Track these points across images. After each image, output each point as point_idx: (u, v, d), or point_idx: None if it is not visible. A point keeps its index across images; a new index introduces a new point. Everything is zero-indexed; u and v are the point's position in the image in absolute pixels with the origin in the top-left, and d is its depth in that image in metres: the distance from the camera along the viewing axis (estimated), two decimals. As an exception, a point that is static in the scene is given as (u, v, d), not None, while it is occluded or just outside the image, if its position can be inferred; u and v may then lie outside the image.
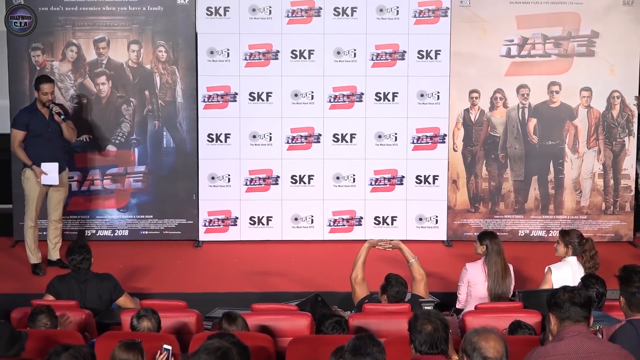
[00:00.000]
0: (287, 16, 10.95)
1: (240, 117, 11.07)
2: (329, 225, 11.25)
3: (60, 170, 10.13)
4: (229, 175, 11.16)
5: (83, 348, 5.66)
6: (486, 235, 8.82)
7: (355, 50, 11.02)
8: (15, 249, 10.87)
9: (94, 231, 11.20)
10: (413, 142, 11.15)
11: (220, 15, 10.94)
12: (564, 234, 8.86)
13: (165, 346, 6.23)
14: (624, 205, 11.29)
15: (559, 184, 11.22)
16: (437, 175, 11.20)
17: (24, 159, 10.02)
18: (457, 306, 8.85)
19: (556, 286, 8.09)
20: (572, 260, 8.69)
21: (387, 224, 11.22)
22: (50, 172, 9.97)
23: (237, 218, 11.21)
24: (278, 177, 11.18)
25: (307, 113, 11.09)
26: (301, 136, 11.13)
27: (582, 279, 7.66)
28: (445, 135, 11.12)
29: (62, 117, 9.98)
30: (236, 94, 11.03)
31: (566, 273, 8.58)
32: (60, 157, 10.15)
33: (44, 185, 9.99)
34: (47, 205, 10.22)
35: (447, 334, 5.24)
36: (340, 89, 11.07)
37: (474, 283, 8.70)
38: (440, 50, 11.00)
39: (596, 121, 11.15)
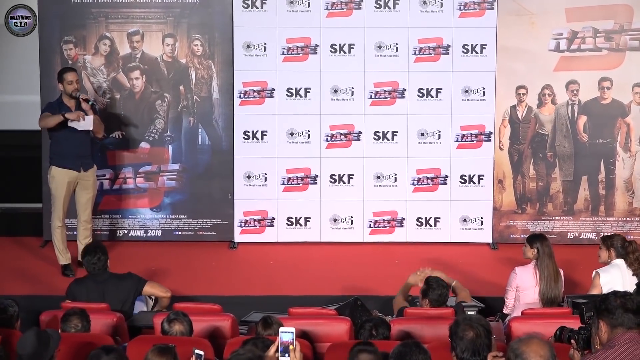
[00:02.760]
0: (327, 9, 10.84)
1: (278, 113, 10.95)
2: (370, 226, 11.09)
3: (88, 168, 10.08)
4: (265, 174, 11.04)
5: (122, 351, 5.71)
6: (536, 238, 8.78)
7: (397, 44, 10.87)
8: (45, 249, 10.80)
9: (125, 231, 11.11)
10: (457, 140, 10.99)
11: (257, 7, 10.83)
12: (605, 238, 8.78)
13: (196, 351, 6.03)
14: (679, 206, 11.13)
15: (610, 184, 11.04)
16: (482, 175, 11.02)
17: (54, 118, 9.79)
18: (504, 311, 8.77)
19: (605, 290, 8.13)
20: (620, 263, 8.57)
21: (430, 226, 11.08)
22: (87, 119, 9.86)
23: (273, 218, 11.09)
24: (316, 176, 11.05)
25: (347, 110, 10.95)
26: (341, 134, 11.00)
27: (638, 284, 7.58)
28: (490, 133, 10.96)
29: (91, 102, 9.89)
30: (273, 89, 10.91)
31: (615, 276, 8.47)
32: (85, 153, 10.09)
33: (76, 128, 9.79)
34: (75, 205, 10.14)
35: (490, 340, 5.17)
36: (381, 84, 10.92)
37: (523, 288, 8.61)
38: (486, 45, 10.84)
39: (649, 118, 11.01)
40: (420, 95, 10.90)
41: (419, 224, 11.05)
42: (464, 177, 11.00)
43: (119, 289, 8.39)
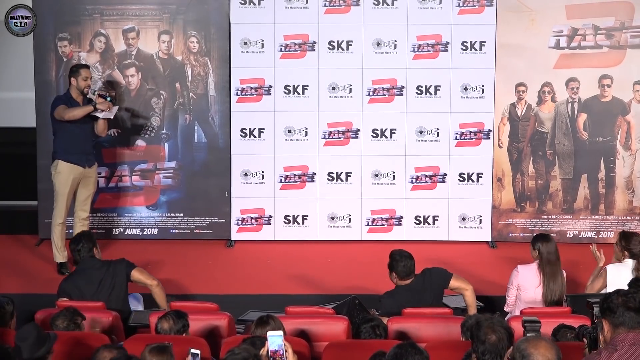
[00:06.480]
0: (325, 5, 10.77)
1: (275, 111, 10.89)
2: (367, 224, 11.03)
3: (91, 164, 10.08)
4: (262, 172, 10.97)
5: (125, 351, 5.76)
6: (538, 238, 8.70)
7: (395, 41, 10.80)
8: (40, 248, 10.75)
9: (122, 229, 11.04)
10: (456, 138, 10.91)
11: (254, 4, 10.76)
12: (624, 239, 8.59)
13: (192, 350, 5.97)
14: (679, 205, 11.05)
15: (610, 182, 10.96)
16: (481, 173, 10.96)
17: (84, 109, 9.79)
18: (505, 309, 8.70)
19: (610, 289, 7.98)
20: (632, 263, 8.45)
21: (428, 224, 11.02)
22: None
23: (271, 217, 11.02)
24: (314, 174, 10.98)
25: (345, 107, 10.89)
26: (338, 131, 10.93)
27: (629, 283, 7.45)
28: (490, 130, 10.88)
29: (109, 99, 9.91)
30: (271, 86, 10.85)
31: (623, 275, 8.29)
32: (89, 151, 10.08)
33: (102, 118, 9.89)
34: (74, 202, 10.08)
35: (511, 342, 5.20)
36: (379, 82, 10.86)
37: (524, 287, 8.53)
38: (485, 42, 10.77)
39: (650, 116, 10.92)
40: (419, 92, 10.83)
41: (418, 222, 10.99)
42: (462, 175, 10.94)
43: (108, 274, 8.24)
